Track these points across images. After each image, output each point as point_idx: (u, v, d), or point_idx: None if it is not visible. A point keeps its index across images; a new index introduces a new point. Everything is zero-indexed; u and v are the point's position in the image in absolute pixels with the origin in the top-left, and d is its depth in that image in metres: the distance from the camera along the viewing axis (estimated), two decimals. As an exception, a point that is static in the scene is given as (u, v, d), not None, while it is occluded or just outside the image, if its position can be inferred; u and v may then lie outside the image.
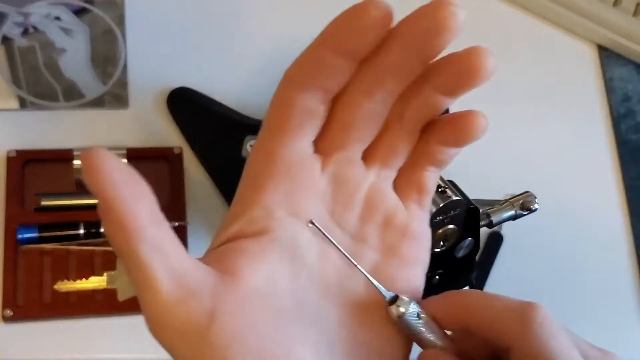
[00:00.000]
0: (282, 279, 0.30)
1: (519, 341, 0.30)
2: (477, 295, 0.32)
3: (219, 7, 0.74)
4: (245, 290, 0.29)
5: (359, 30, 0.27)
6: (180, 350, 0.28)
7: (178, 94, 0.68)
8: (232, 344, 0.27)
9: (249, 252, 0.30)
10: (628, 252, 0.69)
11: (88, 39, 0.68)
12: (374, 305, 0.31)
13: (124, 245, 0.27)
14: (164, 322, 0.28)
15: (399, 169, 0.32)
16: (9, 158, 0.63)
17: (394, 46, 0.28)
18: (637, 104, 0.76)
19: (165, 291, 0.27)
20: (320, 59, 0.28)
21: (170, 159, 0.65)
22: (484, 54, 0.28)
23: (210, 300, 0.28)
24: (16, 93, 0.66)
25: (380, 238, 0.32)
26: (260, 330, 0.28)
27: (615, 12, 0.77)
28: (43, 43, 0.68)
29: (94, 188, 0.27)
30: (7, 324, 0.57)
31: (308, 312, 0.30)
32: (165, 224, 0.28)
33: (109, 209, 0.27)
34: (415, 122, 0.31)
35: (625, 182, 0.72)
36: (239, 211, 0.31)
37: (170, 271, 0.27)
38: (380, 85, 0.29)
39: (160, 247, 0.27)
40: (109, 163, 0.27)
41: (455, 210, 0.47)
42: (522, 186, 0.55)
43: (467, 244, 0.50)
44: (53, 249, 0.60)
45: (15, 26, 0.67)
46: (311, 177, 0.31)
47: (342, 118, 0.30)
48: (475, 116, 0.30)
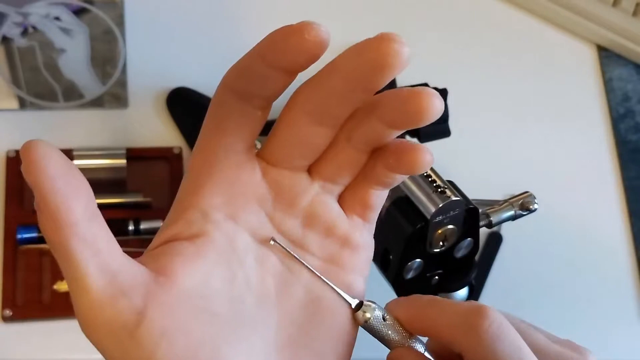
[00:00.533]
0: (217, 281, 0.30)
1: (468, 348, 0.30)
2: (432, 302, 0.32)
3: (218, 8, 0.74)
4: (177, 291, 0.29)
5: (291, 50, 0.27)
6: (109, 350, 0.28)
7: (177, 94, 0.68)
8: (160, 344, 0.27)
9: (184, 254, 0.30)
10: (628, 252, 0.69)
11: (88, 39, 0.68)
12: (315, 311, 0.32)
13: (56, 240, 0.27)
14: (94, 320, 0.28)
15: (345, 185, 0.32)
16: (8, 158, 0.63)
17: (335, 75, 0.28)
18: (636, 104, 0.76)
19: (95, 289, 0.27)
20: (253, 68, 0.28)
21: (170, 159, 0.65)
22: (431, 98, 0.28)
23: (141, 299, 0.28)
24: (16, 93, 0.66)
25: (320, 246, 0.32)
26: (190, 331, 0.28)
27: (615, 12, 0.77)
28: (42, 43, 0.68)
29: (29, 180, 0.27)
30: (6, 324, 0.57)
31: (244, 316, 0.30)
32: (101, 221, 0.28)
33: (46, 202, 0.26)
34: (363, 144, 0.31)
35: (625, 182, 0.72)
36: (176, 214, 0.31)
37: (101, 268, 0.27)
38: (322, 109, 0.29)
39: (93, 243, 0.27)
40: (47, 156, 0.26)
41: (455, 210, 0.47)
42: (522, 186, 0.55)
43: (466, 244, 0.50)
44: (52, 249, 0.60)
45: (15, 26, 0.67)
46: (250, 181, 0.31)
47: (282, 135, 0.30)
48: (419, 152, 0.30)
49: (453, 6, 0.79)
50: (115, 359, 0.28)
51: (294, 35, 0.26)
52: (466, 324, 0.30)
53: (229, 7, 0.74)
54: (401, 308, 0.33)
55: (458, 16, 0.78)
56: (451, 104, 0.57)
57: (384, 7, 0.77)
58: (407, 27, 0.76)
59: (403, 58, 0.27)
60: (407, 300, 0.33)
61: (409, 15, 0.77)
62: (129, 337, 0.27)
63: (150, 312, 0.28)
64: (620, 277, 0.68)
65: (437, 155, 0.50)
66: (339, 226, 0.32)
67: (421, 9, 0.78)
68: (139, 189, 0.62)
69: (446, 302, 0.32)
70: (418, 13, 0.78)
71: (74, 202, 0.27)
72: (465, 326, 0.30)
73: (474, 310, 0.30)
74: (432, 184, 0.47)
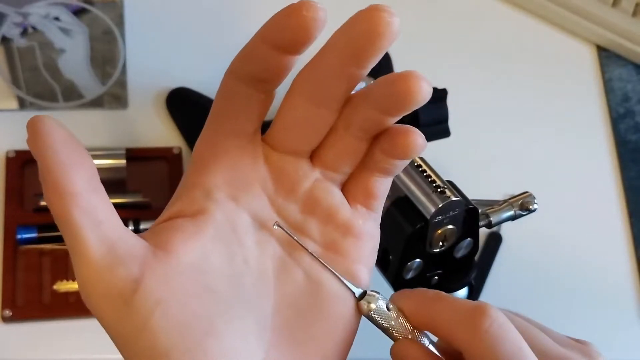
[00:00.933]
0: (216, 259, 0.30)
1: (468, 347, 0.30)
2: (437, 297, 0.32)
3: (218, 8, 0.74)
4: (175, 265, 0.29)
5: (291, 28, 0.27)
6: (106, 316, 0.29)
7: (177, 94, 0.68)
8: (154, 313, 0.28)
9: (184, 230, 0.30)
10: (628, 252, 0.69)
11: (87, 39, 0.68)
12: (315, 296, 0.32)
13: (59, 210, 0.28)
14: (92, 287, 0.29)
15: (349, 173, 0.33)
16: (8, 158, 0.63)
17: (329, 51, 0.29)
18: (636, 104, 0.76)
19: (94, 257, 0.28)
20: (255, 50, 0.29)
21: (170, 159, 0.65)
22: (417, 80, 0.28)
23: (138, 269, 0.29)
24: (16, 93, 0.66)
25: (321, 232, 0.33)
26: (185, 304, 0.29)
27: (615, 12, 0.77)
28: (42, 43, 0.68)
29: (34, 152, 0.28)
30: (6, 324, 0.57)
31: (241, 295, 0.31)
32: (103, 193, 0.29)
33: (47, 173, 0.28)
34: (362, 131, 0.31)
35: (624, 182, 0.72)
36: (180, 192, 0.32)
37: (101, 238, 0.28)
38: (320, 88, 0.30)
39: (93, 214, 0.28)
40: (52, 129, 0.28)
41: (455, 210, 0.47)
42: (521, 186, 0.55)
43: (466, 244, 0.50)
44: (52, 249, 0.60)
45: (15, 26, 0.67)
46: (253, 164, 0.32)
47: (283, 118, 0.31)
48: (411, 135, 0.30)
49: (453, 6, 0.79)
50: (111, 326, 0.29)
51: (293, 13, 0.27)
52: (467, 322, 0.30)
53: (229, 7, 0.74)
54: (406, 300, 0.33)
55: (458, 16, 0.78)
56: (451, 104, 0.57)
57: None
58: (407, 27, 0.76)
59: (393, 27, 0.27)
60: (412, 293, 0.33)
61: (409, 15, 0.77)
62: (124, 304, 0.28)
63: (146, 281, 0.28)
64: (620, 277, 0.68)
65: (437, 155, 0.51)
66: (340, 213, 0.32)
67: (421, 8, 0.78)
68: (138, 189, 0.62)
69: (450, 298, 0.32)
70: (418, 13, 0.78)
71: (75, 174, 0.28)
72: (466, 324, 0.31)
73: (476, 308, 0.31)
74: (431, 184, 0.47)
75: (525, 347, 0.30)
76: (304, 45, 0.28)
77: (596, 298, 0.67)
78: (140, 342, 0.28)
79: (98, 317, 0.29)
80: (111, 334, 0.30)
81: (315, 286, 0.32)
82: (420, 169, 0.47)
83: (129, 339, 0.29)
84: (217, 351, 0.29)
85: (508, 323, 0.31)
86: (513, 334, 0.30)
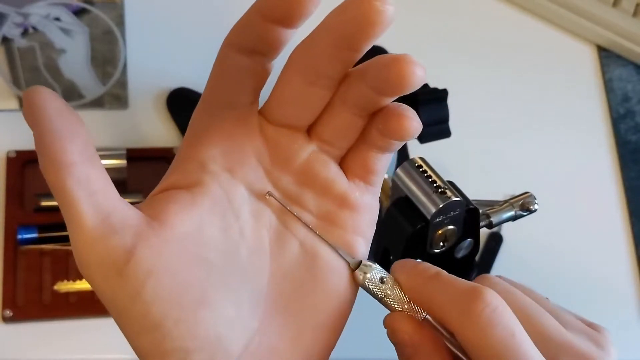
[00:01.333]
0: (211, 230, 0.30)
1: (459, 329, 0.30)
2: (436, 276, 0.32)
3: (218, 8, 0.74)
4: (169, 235, 0.29)
5: (285, 3, 0.28)
6: (100, 286, 0.29)
7: (177, 94, 0.68)
8: (147, 282, 0.28)
9: (179, 202, 0.30)
10: (628, 252, 0.69)
11: (88, 39, 0.68)
12: (310, 268, 0.32)
13: (54, 180, 0.28)
14: (87, 256, 0.29)
15: (346, 148, 0.33)
16: (8, 159, 0.63)
17: (323, 34, 0.29)
18: (636, 105, 0.76)
19: (88, 226, 0.28)
20: (251, 22, 0.29)
21: (170, 159, 0.64)
22: (410, 65, 0.28)
23: (132, 239, 0.29)
24: (16, 93, 0.66)
25: (317, 204, 0.32)
26: (177, 274, 0.29)
27: (615, 12, 0.77)
28: (43, 43, 0.68)
29: (30, 122, 0.28)
30: (7, 324, 0.57)
31: (236, 266, 0.31)
32: (98, 163, 0.29)
33: (43, 143, 0.28)
34: (359, 108, 0.31)
35: (625, 182, 0.72)
36: (176, 165, 0.32)
37: (95, 208, 0.28)
38: (314, 67, 0.30)
39: (88, 184, 0.28)
40: (47, 99, 0.28)
41: (455, 211, 0.47)
42: (522, 187, 0.55)
43: (466, 244, 0.50)
44: (53, 249, 0.60)
45: (15, 26, 0.67)
46: (248, 136, 0.32)
47: (279, 93, 0.31)
48: (404, 119, 0.30)
49: (453, 6, 0.79)
50: (105, 295, 0.29)
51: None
52: (461, 305, 0.30)
53: (229, 7, 0.74)
54: (405, 275, 0.33)
55: (458, 16, 0.78)
56: (451, 104, 0.57)
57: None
58: (407, 27, 0.76)
59: (386, 15, 0.27)
60: (412, 269, 0.33)
61: (409, 15, 0.77)
62: (117, 274, 0.28)
63: (139, 251, 0.29)
64: (620, 277, 0.68)
65: (437, 156, 0.51)
66: (336, 185, 0.32)
67: (421, 9, 0.78)
68: (139, 189, 0.62)
69: (449, 279, 0.32)
70: (418, 13, 0.78)
71: (69, 144, 0.28)
72: (459, 307, 0.30)
73: (472, 291, 0.30)
74: (432, 185, 0.47)
75: (520, 332, 0.30)
76: (299, 20, 0.28)
77: (596, 298, 0.67)
78: (133, 312, 0.29)
79: (93, 286, 0.29)
80: (105, 303, 0.30)
81: (310, 258, 0.32)
82: (421, 169, 0.47)
83: (122, 308, 0.29)
84: (209, 320, 0.29)
85: (503, 307, 0.30)
86: (507, 319, 0.30)
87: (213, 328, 0.29)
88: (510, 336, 0.30)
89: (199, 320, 0.29)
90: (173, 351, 0.29)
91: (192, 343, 0.29)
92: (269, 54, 0.30)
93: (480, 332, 0.30)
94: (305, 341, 0.32)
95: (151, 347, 0.29)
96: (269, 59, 0.31)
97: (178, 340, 0.29)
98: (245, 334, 0.30)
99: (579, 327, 0.33)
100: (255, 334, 0.31)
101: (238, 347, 0.30)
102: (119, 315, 0.29)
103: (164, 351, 0.29)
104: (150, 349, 0.29)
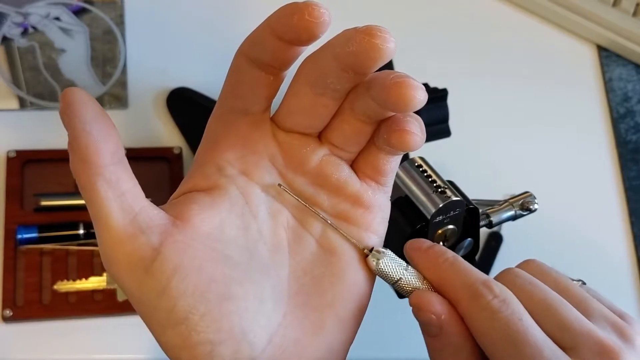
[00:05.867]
0: (231, 229, 0.32)
1: (467, 314, 0.32)
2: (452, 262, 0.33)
3: (218, 8, 0.74)
4: (193, 234, 0.31)
5: (294, 27, 0.28)
6: (127, 283, 0.30)
7: (177, 94, 0.68)
8: (173, 278, 0.30)
9: (200, 203, 0.32)
10: (628, 252, 0.69)
11: (88, 39, 0.68)
12: (328, 263, 0.33)
13: (85, 180, 0.30)
14: (115, 255, 0.30)
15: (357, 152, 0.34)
16: (8, 158, 0.63)
17: (329, 56, 0.30)
18: (636, 104, 0.76)
19: (117, 226, 0.30)
20: (264, 38, 0.30)
21: (170, 159, 0.65)
22: (411, 90, 0.29)
23: (158, 238, 0.30)
24: (16, 93, 0.66)
25: (331, 204, 0.34)
26: (202, 269, 0.30)
27: (615, 12, 0.77)
28: (43, 43, 0.68)
29: (66, 122, 0.29)
30: (6, 324, 0.57)
31: (257, 263, 0.32)
32: (127, 166, 0.31)
33: (77, 143, 0.29)
34: (365, 117, 0.32)
35: (625, 182, 0.72)
36: (194, 169, 0.34)
37: (123, 208, 0.30)
38: (322, 81, 0.31)
39: (117, 185, 0.30)
40: (84, 101, 0.29)
41: (455, 210, 0.47)
42: (522, 186, 0.55)
43: (466, 244, 0.50)
44: (53, 249, 0.60)
45: (15, 26, 0.67)
46: (263, 140, 0.33)
47: (289, 104, 0.32)
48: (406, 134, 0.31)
49: (453, 6, 0.79)
50: (132, 292, 0.30)
51: (296, 14, 0.28)
52: (472, 291, 0.32)
53: (229, 7, 0.74)
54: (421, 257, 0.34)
55: (458, 16, 0.78)
56: (451, 104, 0.57)
57: (384, 6, 0.77)
58: (407, 27, 0.76)
59: (386, 52, 0.28)
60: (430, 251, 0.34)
61: (409, 15, 0.77)
62: (144, 271, 0.30)
63: (165, 249, 0.30)
64: (620, 278, 0.68)
65: (437, 155, 0.50)
66: (349, 186, 0.34)
67: (421, 8, 0.78)
68: (139, 189, 0.62)
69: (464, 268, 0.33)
70: (418, 13, 0.78)
71: (103, 146, 0.29)
72: (471, 292, 0.32)
73: (482, 283, 0.32)
74: (432, 184, 0.47)
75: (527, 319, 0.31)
76: (309, 42, 0.29)
77: (596, 298, 0.67)
78: (160, 307, 0.30)
79: (119, 283, 0.31)
80: (132, 299, 0.31)
81: (328, 254, 0.33)
82: (421, 169, 0.47)
83: (149, 304, 0.30)
84: (234, 314, 0.30)
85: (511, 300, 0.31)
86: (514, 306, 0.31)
87: (238, 321, 0.30)
88: (518, 320, 0.31)
89: (224, 314, 0.30)
90: (199, 344, 0.30)
91: (217, 336, 0.30)
92: (281, 67, 0.31)
93: (484, 320, 0.31)
94: (326, 333, 0.33)
95: (178, 340, 0.30)
96: (282, 70, 0.32)
97: (204, 333, 0.30)
98: (269, 327, 0.31)
99: (606, 317, 0.33)
100: (278, 327, 0.32)
101: (262, 340, 0.31)
102: (146, 311, 0.30)
103: (191, 344, 0.30)
104: (177, 342, 0.30)
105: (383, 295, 0.40)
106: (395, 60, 0.68)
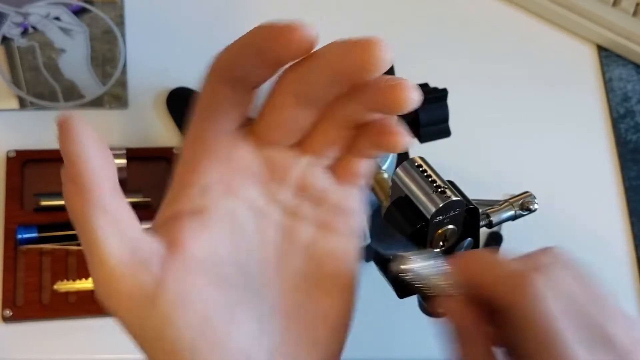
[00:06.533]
0: (223, 249, 0.31)
1: (509, 310, 0.32)
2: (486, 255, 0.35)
3: (218, 8, 0.74)
4: (190, 260, 0.30)
5: (277, 48, 0.28)
6: (127, 317, 0.29)
7: (177, 94, 0.68)
8: (178, 308, 0.29)
9: (190, 227, 0.31)
10: (628, 252, 0.69)
11: (88, 39, 0.68)
12: (316, 276, 0.33)
13: (80, 211, 0.29)
14: (113, 289, 0.29)
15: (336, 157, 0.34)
16: (8, 158, 0.63)
17: (321, 67, 0.29)
18: (636, 104, 0.76)
19: (114, 259, 0.29)
20: (243, 57, 0.30)
21: (170, 159, 0.65)
22: (406, 92, 0.29)
23: (159, 269, 0.29)
24: (16, 93, 0.66)
25: (315, 214, 0.34)
26: (205, 296, 0.30)
27: (615, 12, 0.77)
28: (43, 43, 0.68)
29: (64, 151, 0.28)
30: (6, 324, 0.57)
31: (250, 280, 0.32)
32: (122, 196, 0.30)
33: (76, 173, 0.28)
34: (348, 122, 0.32)
35: (625, 182, 0.72)
36: (176, 191, 0.33)
37: (121, 240, 0.29)
38: (309, 93, 0.30)
39: (114, 216, 0.29)
40: (84, 131, 0.28)
41: (455, 210, 0.47)
42: (522, 186, 0.55)
43: (466, 244, 0.50)
44: (52, 249, 0.60)
45: (15, 26, 0.67)
46: (243, 157, 0.33)
47: (270, 117, 0.32)
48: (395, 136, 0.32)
49: (453, 6, 0.79)
50: (134, 325, 0.30)
51: (281, 36, 0.28)
52: (512, 287, 0.33)
53: (228, 7, 0.74)
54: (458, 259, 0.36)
55: (458, 16, 0.78)
56: (451, 104, 0.57)
57: (384, 6, 0.77)
58: (407, 27, 0.76)
59: (383, 64, 0.28)
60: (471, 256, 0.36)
61: (409, 15, 0.77)
62: (148, 302, 0.29)
63: (166, 279, 0.29)
64: (621, 278, 0.68)
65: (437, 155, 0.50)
66: (331, 195, 0.34)
67: (421, 8, 0.78)
68: (139, 189, 0.62)
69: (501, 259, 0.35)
70: (418, 13, 0.78)
71: (103, 178, 0.29)
72: (511, 289, 0.33)
73: (522, 275, 0.33)
74: (432, 184, 0.47)
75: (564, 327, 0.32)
76: (296, 58, 0.29)
77: (596, 298, 0.67)
78: (165, 338, 0.29)
79: (119, 317, 0.30)
80: (133, 333, 0.30)
81: (316, 267, 0.33)
82: (421, 168, 0.47)
83: (152, 336, 0.29)
84: (239, 338, 0.30)
85: (558, 299, 0.33)
86: (556, 309, 0.32)
87: (243, 345, 0.30)
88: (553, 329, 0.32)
89: (228, 337, 0.30)
90: None
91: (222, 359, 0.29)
92: (257, 85, 0.31)
93: (526, 317, 0.32)
94: (321, 346, 0.33)
95: None
96: (259, 86, 0.31)
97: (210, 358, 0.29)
98: (270, 347, 0.31)
99: None
100: (278, 345, 0.32)
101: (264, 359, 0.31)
102: (148, 344, 0.30)
103: None
104: None
105: (383, 295, 0.40)
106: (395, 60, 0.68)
